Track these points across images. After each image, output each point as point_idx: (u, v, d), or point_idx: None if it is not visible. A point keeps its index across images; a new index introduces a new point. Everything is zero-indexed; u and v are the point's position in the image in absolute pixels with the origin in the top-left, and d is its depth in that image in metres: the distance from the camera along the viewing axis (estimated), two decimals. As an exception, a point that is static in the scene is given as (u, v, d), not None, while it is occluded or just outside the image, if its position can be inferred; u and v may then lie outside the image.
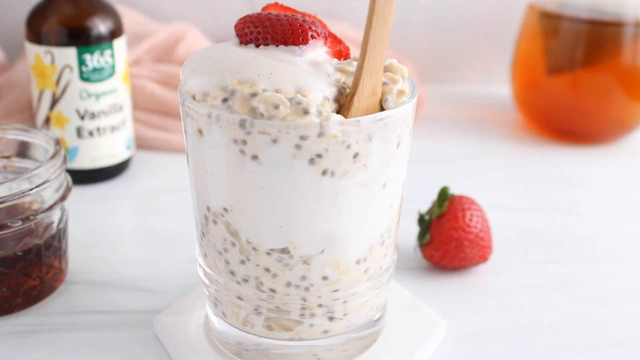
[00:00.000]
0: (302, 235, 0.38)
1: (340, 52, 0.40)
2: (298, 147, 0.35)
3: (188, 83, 0.38)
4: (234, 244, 0.39)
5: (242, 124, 0.35)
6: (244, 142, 0.36)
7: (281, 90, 0.36)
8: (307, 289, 0.39)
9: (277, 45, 0.38)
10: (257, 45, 0.38)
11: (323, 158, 0.36)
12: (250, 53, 0.38)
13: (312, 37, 0.38)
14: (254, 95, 0.35)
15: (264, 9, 0.41)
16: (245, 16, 0.39)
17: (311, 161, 0.36)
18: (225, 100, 0.36)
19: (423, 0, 0.93)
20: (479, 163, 0.75)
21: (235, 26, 0.39)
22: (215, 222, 0.39)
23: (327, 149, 0.35)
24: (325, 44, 0.39)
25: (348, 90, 0.37)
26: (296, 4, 0.86)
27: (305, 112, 0.35)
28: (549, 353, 0.46)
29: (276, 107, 0.35)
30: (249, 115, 0.35)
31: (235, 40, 0.40)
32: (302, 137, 0.35)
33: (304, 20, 0.38)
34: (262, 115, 0.35)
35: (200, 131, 0.37)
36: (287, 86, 0.36)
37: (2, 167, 0.53)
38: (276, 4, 0.41)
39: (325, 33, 0.39)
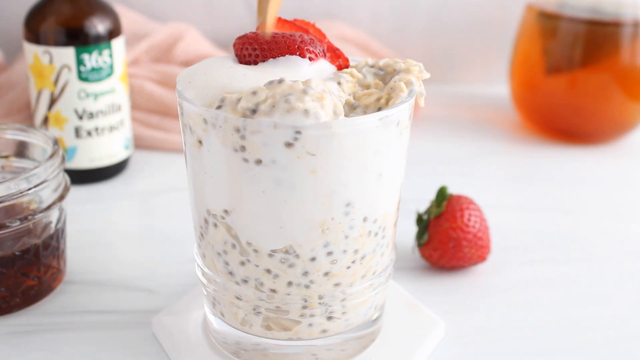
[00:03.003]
0: (303, 234, 0.38)
1: (340, 67, 0.40)
2: (289, 144, 0.35)
3: (186, 94, 0.38)
4: (234, 246, 0.39)
5: (236, 128, 0.35)
6: (243, 148, 0.36)
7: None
8: (307, 286, 0.39)
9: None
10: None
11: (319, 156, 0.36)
12: (246, 70, 0.38)
13: (310, 59, 0.38)
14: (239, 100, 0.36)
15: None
16: (244, 36, 0.39)
17: (307, 160, 0.36)
18: (219, 107, 0.36)
19: (422, 0, 0.93)
20: (477, 163, 0.75)
21: (234, 45, 0.40)
22: (215, 224, 0.39)
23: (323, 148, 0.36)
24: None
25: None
26: (295, 5, 0.86)
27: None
28: (547, 353, 0.46)
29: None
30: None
31: (234, 57, 0.40)
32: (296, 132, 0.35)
33: (301, 41, 0.38)
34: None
35: (200, 142, 0.37)
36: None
37: (0, 167, 0.53)
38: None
39: (323, 50, 0.39)
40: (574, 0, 0.78)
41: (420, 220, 0.54)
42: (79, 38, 0.62)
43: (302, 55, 0.38)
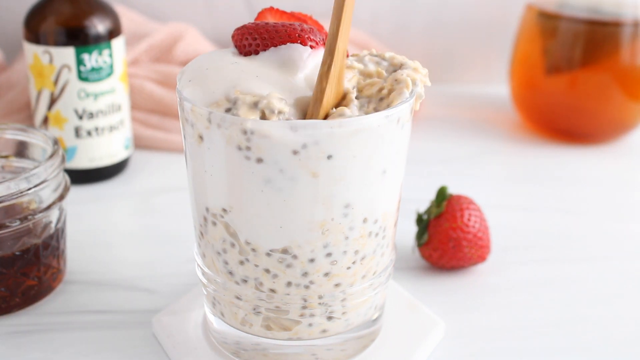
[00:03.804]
0: (302, 235, 0.38)
1: None
2: (295, 151, 0.35)
3: (185, 91, 0.38)
4: (233, 245, 0.39)
5: (243, 130, 0.35)
6: (248, 148, 0.36)
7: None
8: (307, 286, 0.39)
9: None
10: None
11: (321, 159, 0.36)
12: (249, 64, 0.38)
13: (312, 47, 0.38)
14: (255, 103, 0.36)
15: (260, 14, 0.41)
16: (243, 26, 0.39)
17: (308, 160, 0.36)
18: (228, 110, 0.36)
19: (422, 0, 0.93)
20: (477, 163, 0.75)
21: (233, 36, 0.40)
22: (214, 223, 0.39)
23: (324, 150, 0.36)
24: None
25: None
26: (295, 5, 0.87)
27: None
28: (547, 353, 0.46)
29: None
30: (250, 121, 0.35)
31: (234, 49, 0.40)
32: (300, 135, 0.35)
33: (302, 30, 0.38)
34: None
35: (200, 137, 0.37)
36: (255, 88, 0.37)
37: (0, 166, 0.53)
38: (271, 8, 0.41)
39: (323, 39, 0.39)
40: (574, 0, 0.78)
41: (420, 220, 0.54)
42: (79, 38, 0.62)
43: (304, 43, 0.38)
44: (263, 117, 0.36)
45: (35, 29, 0.62)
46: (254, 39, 0.38)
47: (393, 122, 0.37)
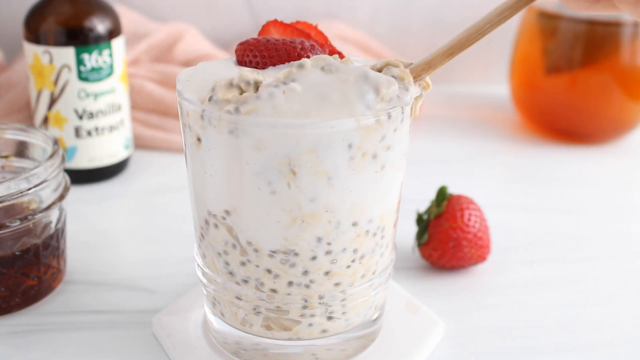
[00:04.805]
0: (302, 235, 0.38)
1: None
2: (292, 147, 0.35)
3: (184, 93, 0.38)
4: (234, 246, 0.39)
5: (230, 123, 0.35)
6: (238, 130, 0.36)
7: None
8: (307, 286, 0.39)
9: None
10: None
11: (321, 156, 0.36)
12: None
13: None
14: (230, 83, 0.36)
15: (264, 27, 0.41)
16: (245, 42, 0.40)
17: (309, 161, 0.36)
18: (210, 98, 0.36)
19: (422, 0, 0.93)
20: (477, 163, 0.75)
21: (236, 51, 0.40)
22: (216, 225, 0.39)
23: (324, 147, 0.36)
24: None
25: None
26: (295, 5, 0.86)
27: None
28: (547, 353, 0.46)
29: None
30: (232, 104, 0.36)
31: (235, 62, 0.41)
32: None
33: (302, 48, 0.39)
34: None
35: (199, 139, 0.37)
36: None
37: (0, 167, 0.53)
38: (275, 21, 0.41)
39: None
40: (574, 0, 0.78)
41: (420, 220, 0.54)
42: (79, 38, 0.62)
43: None
44: (242, 93, 0.36)
45: (35, 29, 0.62)
46: (254, 56, 0.39)
47: (390, 123, 0.37)
